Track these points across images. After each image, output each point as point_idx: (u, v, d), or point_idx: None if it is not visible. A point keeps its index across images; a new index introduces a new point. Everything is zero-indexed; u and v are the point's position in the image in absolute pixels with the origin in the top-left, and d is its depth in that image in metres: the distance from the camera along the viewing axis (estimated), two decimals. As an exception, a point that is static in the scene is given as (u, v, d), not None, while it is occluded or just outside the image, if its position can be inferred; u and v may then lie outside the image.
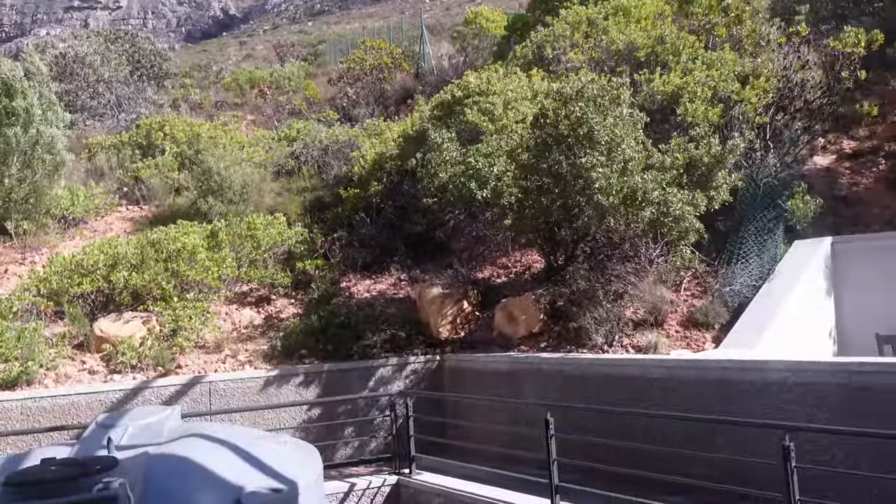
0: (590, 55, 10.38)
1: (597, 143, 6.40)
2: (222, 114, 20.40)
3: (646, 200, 6.22)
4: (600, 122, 6.41)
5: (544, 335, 7.24)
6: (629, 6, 11.47)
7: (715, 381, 5.21)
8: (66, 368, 6.89)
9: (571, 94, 6.72)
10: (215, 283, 7.84)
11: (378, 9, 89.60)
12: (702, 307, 6.80)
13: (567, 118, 6.66)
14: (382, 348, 7.55)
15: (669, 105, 8.82)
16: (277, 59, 42.76)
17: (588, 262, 7.79)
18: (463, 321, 7.89)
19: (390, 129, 11.93)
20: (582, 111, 6.44)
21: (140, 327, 7.37)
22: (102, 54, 19.11)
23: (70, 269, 7.84)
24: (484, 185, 6.75)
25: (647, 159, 6.58)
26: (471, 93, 8.60)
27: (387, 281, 9.17)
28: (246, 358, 7.38)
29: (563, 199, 7.05)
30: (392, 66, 18.50)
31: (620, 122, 6.58)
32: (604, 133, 6.38)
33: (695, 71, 8.79)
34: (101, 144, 12.83)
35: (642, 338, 6.49)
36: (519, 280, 8.48)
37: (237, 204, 10.51)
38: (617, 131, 6.45)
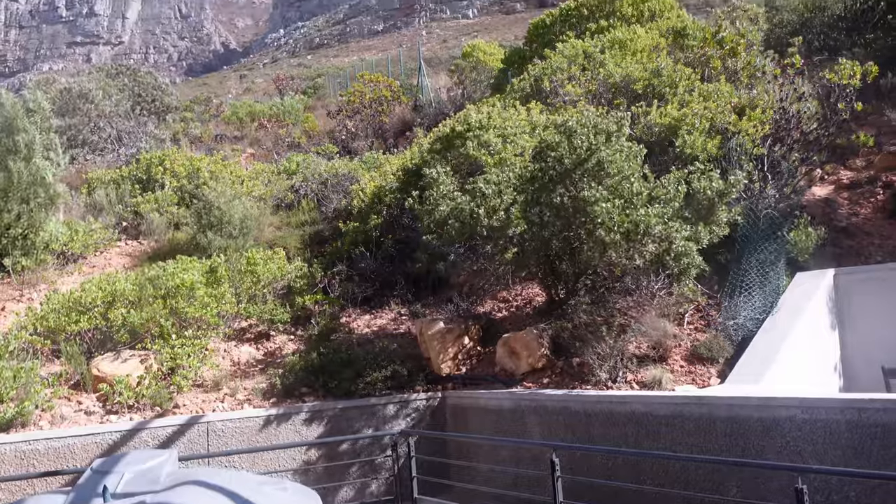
0: (587, 88, 10.47)
1: (606, 176, 6.39)
2: (222, 147, 20.54)
3: (648, 235, 6.18)
4: (610, 155, 6.41)
5: (547, 370, 7.15)
6: (625, 39, 11.61)
7: (723, 419, 5.12)
8: (62, 409, 6.78)
9: (575, 127, 6.72)
10: (214, 320, 7.77)
11: (376, 42, 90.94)
12: (706, 341, 6.73)
13: (573, 151, 6.66)
14: (384, 385, 7.44)
15: (667, 137, 8.87)
16: (277, 92, 43.26)
17: (589, 296, 7.74)
18: (464, 357, 7.81)
19: (389, 163, 11.98)
20: (592, 143, 6.43)
21: (138, 366, 7.28)
22: (104, 89, 19.30)
23: (67, 307, 7.77)
24: (493, 213, 6.73)
25: (651, 192, 6.57)
26: (471, 127, 8.63)
27: (387, 316, 9.11)
28: (244, 396, 7.27)
29: (565, 233, 7.04)
30: (391, 99, 18.67)
31: (626, 155, 6.59)
32: (614, 165, 6.38)
33: (692, 103, 8.85)
34: (100, 179, 12.86)
35: (646, 373, 6.41)
36: (520, 314, 8.41)
37: (237, 238, 10.49)
38: (625, 164, 6.45)
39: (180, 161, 12.75)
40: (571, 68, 11.24)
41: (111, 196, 12.32)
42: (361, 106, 19.62)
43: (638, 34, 11.71)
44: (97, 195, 12.30)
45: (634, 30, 11.93)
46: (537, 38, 14.19)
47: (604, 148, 6.63)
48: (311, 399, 7.34)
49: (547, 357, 7.23)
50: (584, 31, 13.20)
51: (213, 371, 7.52)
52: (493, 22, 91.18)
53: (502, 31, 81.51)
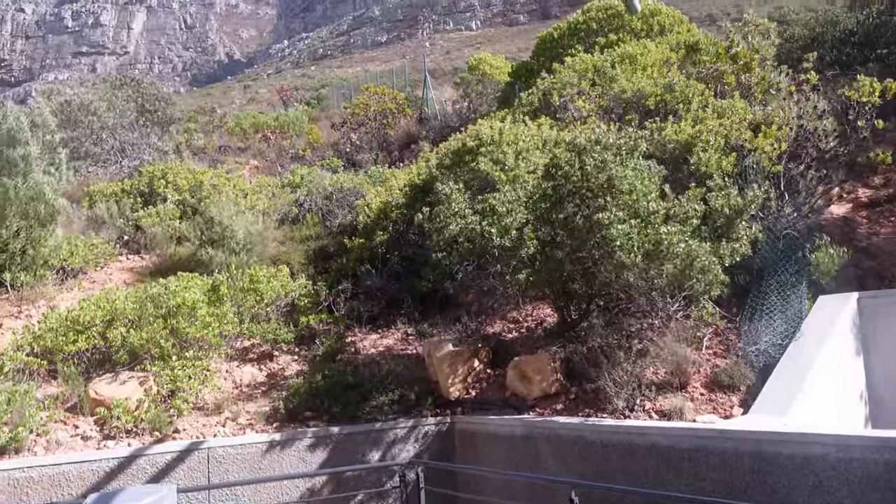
0: (598, 103, 10.28)
1: (618, 194, 6.17)
2: (226, 158, 20.39)
3: (670, 254, 5.95)
4: (621, 173, 6.19)
5: (560, 396, 6.90)
6: (635, 54, 11.43)
7: (750, 454, 4.87)
8: (58, 434, 6.54)
9: (585, 145, 6.52)
10: (216, 340, 7.54)
11: (379, 53, 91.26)
12: (726, 368, 6.47)
13: (581, 169, 6.45)
14: (390, 409, 7.20)
15: (682, 154, 8.66)
16: (281, 102, 43.23)
17: (602, 317, 7.51)
18: (474, 380, 7.56)
19: (395, 177, 11.78)
20: (600, 161, 6.22)
21: (137, 388, 7.05)
22: (108, 101, 19.16)
23: (65, 326, 7.55)
24: (505, 233, 6.50)
25: (669, 211, 6.35)
26: (483, 142, 8.43)
27: (394, 335, 8.87)
28: (247, 420, 7.03)
29: (578, 254, 6.81)
30: (396, 111, 18.52)
31: (641, 173, 6.37)
32: (625, 183, 6.17)
33: (707, 119, 8.65)
34: (102, 192, 12.67)
35: (665, 401, 6.15)
36: (531, 335, 8.17)
37: (239, 254, 10.28)
38: (638, 183, 6.23)
39: (183, 174, 12.56)
40: (581, 83, 11.06)
41: (112, 210, 12.12)
42: (366, 118, 19.48)
43: (648, 49, 11.54)
44: (98, 209, 12.11)
45: (645, 44, 11.76)
46: (545, 51, 14.02)
47: (613, 166, 6.41)
48: (316, 423, 7.09)
49: (560, 382, 6.98)
50: (592, 45, 13.04)
51: (215, 393, 7.28)
52: (497, 34, 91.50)
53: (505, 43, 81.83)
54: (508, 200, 6.68)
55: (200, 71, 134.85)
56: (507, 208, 6.57)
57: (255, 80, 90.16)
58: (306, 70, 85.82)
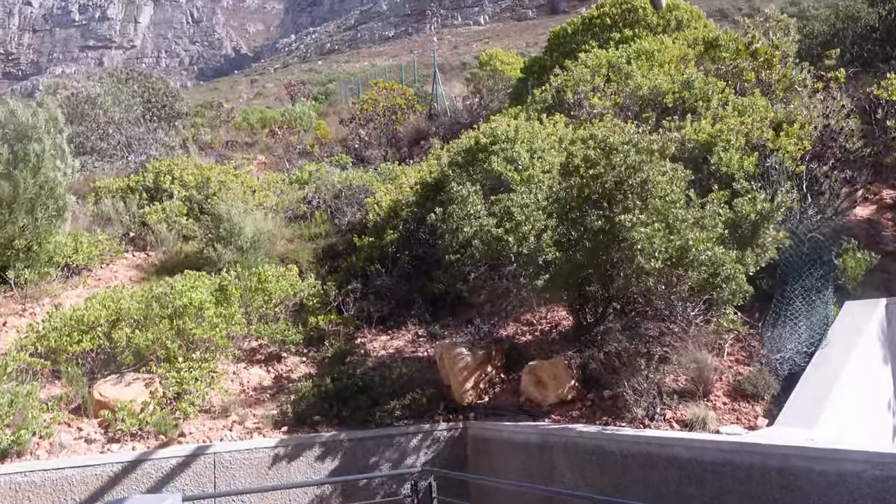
0: (613, 100, 10.05)
1: (650, 198, 5.95)
2: (233, 154, 20.21)
3: (696, 261, 5.73)
4: (656, 177, 5.97)
5: (576, 403, 6.70)
6: (652, 50, 11.18)
7: (778, 469, 4.66)
8: (62, 436, 6.38)
9: (616, 145, 6.28)
10: (223, 341, 7.37)
11: (387, 48, 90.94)
12: (749, 376, 6.26)
13: (612, 169, 6.22)
14: (402, 414, 7.02)
15: (701, 154, 8.43)
16: (288, 97, 43.05)
17: (619, 321, 7.30)
18: (487, 385, 7.37)
19: (406, 175, 11.58)
20: (636, 162, 6.00)
21: (142, 390, 6.88)
22: (114, 95, 19.01)
23: (70, 326, 7.39)
24: (523, 240, 6.29)
25: (698, 219, 6.12)
26: (498, 139, 8.21)
27: (404, 337, 8.68)
28: (254, 424, 6.86)
29: (598, 258, 6.60)
30: (405, 107, 18.30)
31: (670, 177, 6.15)
32: (659, 188, 5.95)
33: (727, 118, 8.41)
34: (107, 188, 12.51)
35: (687, 410, 5.95)
36: (546, 339, 7.97)
37: (247, 252, 10.10)
38: (668, 187, 6.02)
39: (189, 170, 12.38)
40: (595, 79, 10.82)
41: (118, 206, 11.96)
42: (375, 114, 19.27)
43: (665, 45, 11.28)
44: (104, 205, 11.95)
45: (661, 40, 11.50)
46: (558, 47, 13.78)
47: (647, 167, 6.19)
48: (325, 428, 6.92)
49: (576, 388, 6.78)
50: (607, 40, 12.78)
51: (222, 396, 7.11)
52: (505, 29, 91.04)
53: (514, 38, 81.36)
54: (526, 205, 6.46)
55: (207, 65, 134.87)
56: (525, 214, 6.35)
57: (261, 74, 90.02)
58: (313, 64, 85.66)
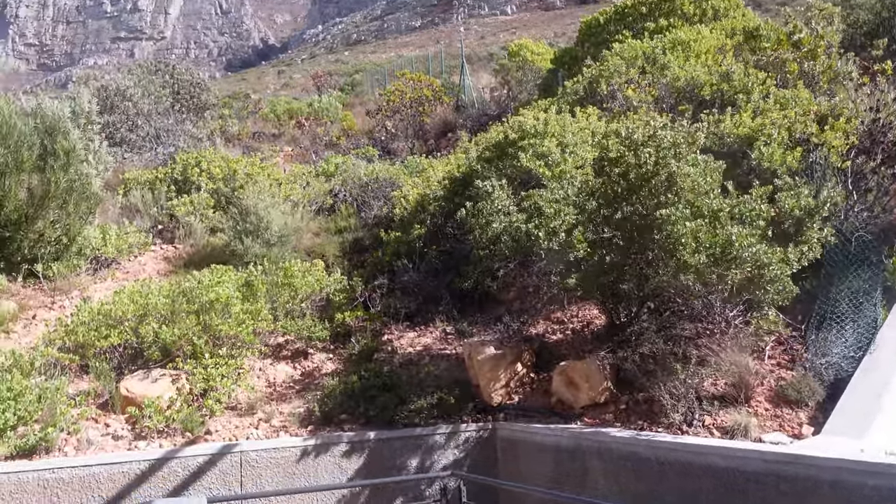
0: (648, 92, 9.74)
1: (679, 192, 5.72)
2: (260, 145, 20.23)
3: (738, 258, 5.48)
4: (682, 170, 5.72)
5: (610, 406, 6.50)
6: (688, 40, 10.82)
7: (828, 483, 4.42)
8: (89, 433, 6.36)
9: (642, 140, 6.05)
10: (249, 338, 7.29)
11: (413, 38, 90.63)
12: (793, 381, 5.99)
13: (639, 166, 5.99)
14: (429, 414, 6.88)
15: (741, 148, 8.12)
16: (315, 88, 43.09)
17: (654, 321, 7.06)
18: (517, 385, 7.19)
19: (433, 168, 11.40)
20: (660, 157, 5.76)
21: (169, 387, 6.84)
22: (144, 87, 19.11)
23: (97, 320, 7.38)
24: (553, 236, 6.08)
25: (732, 211, 5.86)
26: (526, 134, 8.00)
27: (432, 334, 8.54)
28: (280, 422, 6.78)
29: (632, 255, 6.37)
30: (432, 98, 18.09)
31: (702, 169, 5.90)
32: (689, 181, 5.70)
33: (769, 111, 8.07)
34: (136, 180, 12.55)
35: (727, 416, 5.71)
36: (577, 338, 7.76)
37: (274, 246, 10.04)
38: (700, 180, 5.76)
39: (216, 162, 12.36)
40: (630, 71, 10.51)
41: (147, 198, 11.99)
42: (401, 105, 19.10)
43: (702, 34, 10.91)
44: (133, 197, 11.99)
45: (698, 30, 11.14)
46: (589, 37, 13.44)
47: (674, 162, 5.93)
48: (352, 427, 6.81)
49: (610, 390, 6.57)
50: (641, 30, 12.43)
51: (248, 393, 7.04)
52: (532, 19, 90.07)
53: (541, 28, 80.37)
54: (555, 199, 6.25)
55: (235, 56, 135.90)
56: (554, 209, 6.14)
57: (289, 65, 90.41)
58: (340, 55, 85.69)
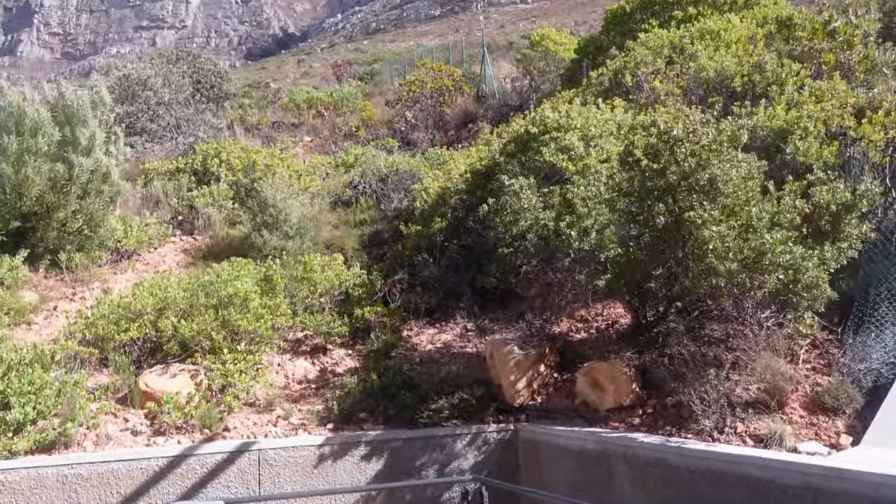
0: (676, 83, 9.46)
1: (719, 195, 5.48)
2: (279, 135, 20.15)
3: (773, 265, 5.25)
4: (725, 172, 5.48)
5: (636, 409, 6.32)
6: (717, 29, 10.50)
7: (870, 499, 4.21)
8: (108, 428, 6.32)
9: (680, 136, 5.81)
10: (268, 333, 7.20)
11: (433, 27, 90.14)
12: (829, 387, 5.75)
13: (677, 163, 5.76)
14: (450, 414, 6.75)
15: (774, 142, 7.84)
16: (335, 77, 42.94)
17: (682, 321, 6.85)
18: (540, 385, 7.03)
19: (454, 160, 11.22)
20: (703, 158, 5.52)
21: (188, 382, 6.78)
22: (164, 76, 19.09)
23: (117, 313, 7.34)
24: (585, 235, 5.88)
25: (774, 216, 5.61)
26: (548, 128, 7.79)
27: (452, 331, 8.39)
28: (299, 420, 6.69)
29: (661, 256, 6.15)
30: (452, 88, 17.87)
31: (744, 171, 5.65)
32: (731, 184, 5.46)
33: (805, 103, 7.77)
34: (157, 170, 12.52)
35: (761, 424, 5.50)
36: (602, 337, 7.57)
37: (293, 238, 9.95)
38: (742, 183, 5.53)
39: (236, 153, 12.28)
40: (657, 61, 10.21)
41: (167, 188, 11.95)
42: (422, 95, 18.89)
43: (732, 24, 10.58)
44: (153, 187, 11.96)
45: (728, 18, 10.80)
46: (615, 26, 13.13)
47: (717, 162, 5.70)
48: (371, 426, 6.70)
49: (636, 393, 6.39)
50: (668, 19, 12.09)
51: (267, 389, 6.96)
52: (552, 7, 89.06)
53: (562, 17, 79.33)
54: (588, 197, 6.04)
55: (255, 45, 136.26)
56: (587, 207, 5.93)
57: (308, 54, 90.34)
58: (359, 44, 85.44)
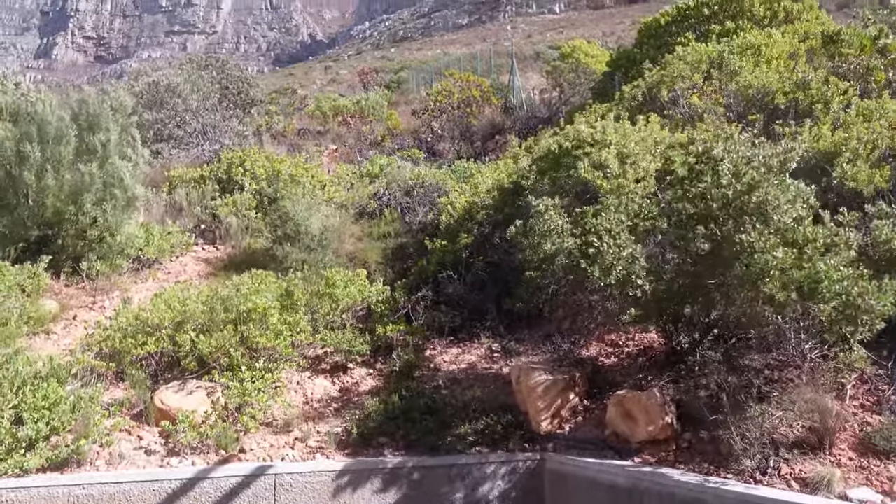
0: (715, 100, 9.12)
1: (770, 221, 5.17)
2: (305, 142, 20.11)
3: (830, 293, 4.91)
4: (776, 196, 5.17)
5: (671, 443, 5.98)
6: (758, 44, 10.13)
7: (934, 561, 3.86)
8: (122, 445, 6.16)
9: (723, 156, 5.51)
10: (287, 351, 7.00)
11: (460, 36, 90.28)
12: (881, 427, 5.38)
13: (720, 186, 5.45)
14: (474, 441, 6.48)
15: (819, 165, 7.47)
16: (361, 85, 43.07)
17: (719, 349, 6.51)
18: (568, 413, 6.73)
19: (481, 174, 10.98)
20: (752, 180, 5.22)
21: (204, 400, 6.60)
22: (193, 82, 19.17)
23: (135, 326, 7.19)
24: (609, 271, 5.59)
25: (827, 241, 5.28)
26: (582, 143, 7.51)
27: (476, 351, 8.12)
28: (317, 443, 6.46)
29: (703, 283, 5.83)
30: (480, 99, 17.66)
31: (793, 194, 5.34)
32: (780, 208, 5.15)
33: (854, 124, 7.40)
34: (181, 178, 12.47)
35: (806, 465, 5.15)
36: (633, 363, 7.25)
37: (315, 251, 9.77)
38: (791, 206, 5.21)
39: (260, 162, 12.18)
40: (695, 76, 9.88)
41: (191, 196, 11.89)
42: (448, 106, 18.73)
43: (774, 38, 10.20)
44: (177, 195, 11.90)
45: (769, 33, 10.43)
46: (649, 39, 12.81)
47: (766, 185, 5.38)
48: (391, 451, 6.45)
49: (671, 426, 6.05)
50: (705, 33, 11.75)
51: (284, 409, 6.75)
52: (581, 18, 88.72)
53: (589, 28, 78.95)
54: (610, 229, 5.73)
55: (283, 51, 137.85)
56: (611, 239, 5.63)
57: (335, 61, 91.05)
58: (386, 52, 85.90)
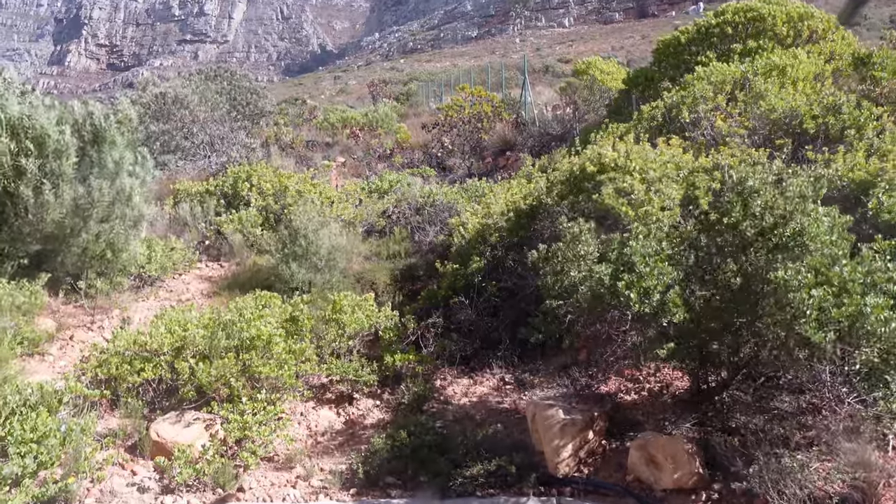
0: (741, 123, 8.78)
1: (804, 253, 4.82)
2: (313, 155, 19.84)
3: (873, 335, 4.54)
4: (813, 228, 4.82)
5: (700, 493, 5.58)
6: (784, 65, 9.79)
7: None
8: (114, 482, 5.80)
9: (757, 186, 5.17)
10: (291, 381, 6.65)
11: (469, 48, 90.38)
12: (930, 485, 4.99)
13: (751, 217, 5.11)
14: (486, 482, 6.08)
15: (853, 194, 7.12)
16: (370, 96, 42.97)
17: (748, 390, 6.14)
18: (587, 455, 6.33)
19: (494, 193, 10.64)
20: (786, 211, 4.88)
21: (202, 433, 6.24)
22: (201, 94, 18.97)
23: (132, 351, 6.86)
24: (646, 297, 5.23)
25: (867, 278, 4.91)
26: (605, 167, 7.18)
27: (488, 382, 7.75)
28: (320, 481, 6.09)
29: (732, 319, 5.47)
30: (492, 115, 17.35)
31: (828, 226, 4.99)
32: (817, 240, 4.80)
33: (892, 152, 7.05)
34: (187, 191, 12.19)
35: (849, 526, 4.76)
36: (655, 401, 6.86)
37: (322, 271, 9.44)
38: (827, 238, 4.86)
39: (267, 177, 11.88)
40: (717, 97, 9.55)
41: (196, 211, 11.60)
42: (459, 120, 18.44)
43: (799, 59, 9.87)
44: (182, 209, 11.61)
45: (794, 53, 10.10)
46: (667, 58, 12.50)
47: (801, 217, 5.03)
48: (399, 492, 6.07)
49: (699, 474, 5.66)
50: (726, 52, 11.43)
51: (287, 444, 6.38)
52: (590, 31, 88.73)
53: (599, 42, 78.89)
54: (649, 254, 5.39)
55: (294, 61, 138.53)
56: (649, 266, 5.29)
57: (345, 71, 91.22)
58: (395, 63, 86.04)
